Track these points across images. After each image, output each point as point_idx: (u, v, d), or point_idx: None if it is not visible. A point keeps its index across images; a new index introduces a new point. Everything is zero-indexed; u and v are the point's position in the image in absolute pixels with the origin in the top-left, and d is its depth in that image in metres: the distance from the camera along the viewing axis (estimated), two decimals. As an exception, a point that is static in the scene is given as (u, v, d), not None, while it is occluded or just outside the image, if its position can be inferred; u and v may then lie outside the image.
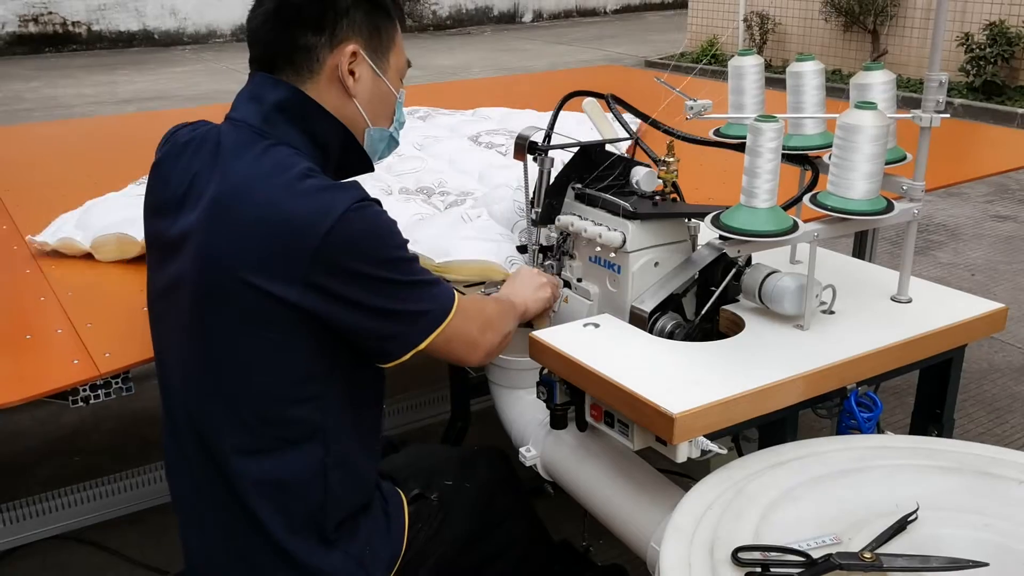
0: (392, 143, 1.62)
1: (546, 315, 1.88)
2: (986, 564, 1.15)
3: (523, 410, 1.96)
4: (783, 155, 1.57)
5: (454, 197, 2.39)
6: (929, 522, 1.24)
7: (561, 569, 1.95)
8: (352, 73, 1.46)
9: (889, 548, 1.19)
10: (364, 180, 1.50)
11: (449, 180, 2.53)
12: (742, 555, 1.17)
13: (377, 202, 1.38)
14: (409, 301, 1.40)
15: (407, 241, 1.42)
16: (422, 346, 1.42)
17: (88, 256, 2.15)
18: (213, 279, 1.34)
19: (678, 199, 1.88)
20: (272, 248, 1.30)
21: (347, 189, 1.36)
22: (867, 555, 1.15)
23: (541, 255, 1.98)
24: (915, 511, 1.25)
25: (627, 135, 1.95)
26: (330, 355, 1.40)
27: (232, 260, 1.32)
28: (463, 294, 1.51)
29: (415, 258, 1.44)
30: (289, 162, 1.37)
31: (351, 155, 1.51)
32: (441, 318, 1.43)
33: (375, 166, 1.60)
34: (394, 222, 1.40)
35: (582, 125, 2.22)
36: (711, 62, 10.82)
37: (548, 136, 1.93)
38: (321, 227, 1.29)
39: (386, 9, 1.50)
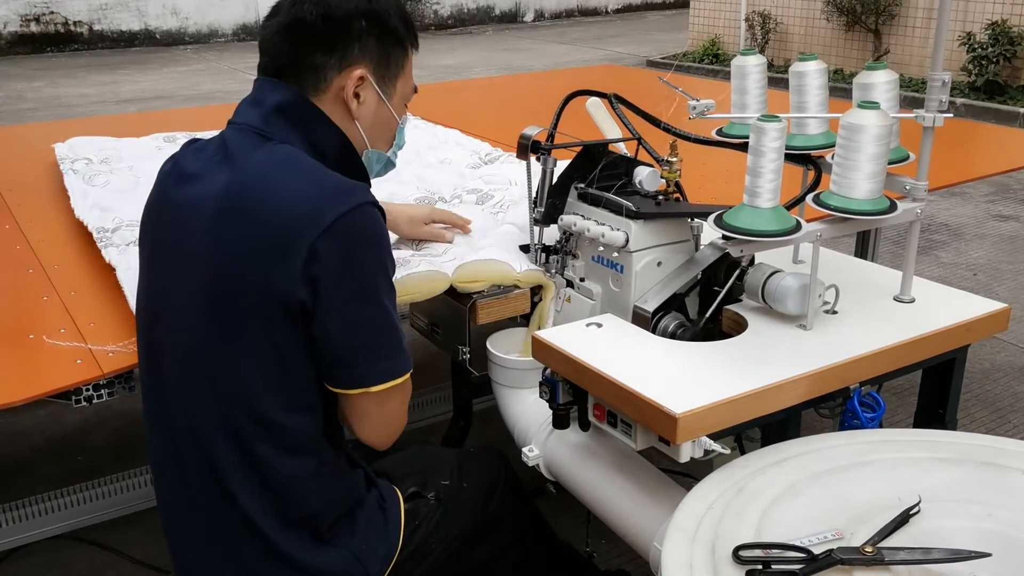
0: (389, 165, 1.62)
1: (549, 311, 1.89)
2: (988, 555, 1.15)
3: (526, 410, 1.96)
4: (786, 155, 1.57)
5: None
6: (932, 514, 1.24)
7: (563, 573, 1.95)
8: (357, 96, 1.46)
9: (891, 542, 1.19)
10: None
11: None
12: (743, 553, 1.17)
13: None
14: (379, 336, 1.38)
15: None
16: (373, 389, 1.39)
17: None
18: (223, 277, 1.34)
19: (681, 199, 1.88)
20: (285, 234, 1.30)
21: (364, 186, 1.37)
22: (868, 549, 1.15)
23: (544, 254, 1.98)
24: (917, 504, 1.25)
25: (631, 135, 1.95)
26: None
27: (243, 257, 1.32)
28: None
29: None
30: (299, 156, 1.39)
31: (349, 165, 1.50)
32: (395, 375, 1.41)
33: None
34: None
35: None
36: (712, 62, 10.82)
37: (551, 135, 1.93)
38: (335, 211, 1.30)
39: (398, 37, 1.49)
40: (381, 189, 2.41)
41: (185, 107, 8.38)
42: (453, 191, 2.48)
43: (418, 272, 1.86)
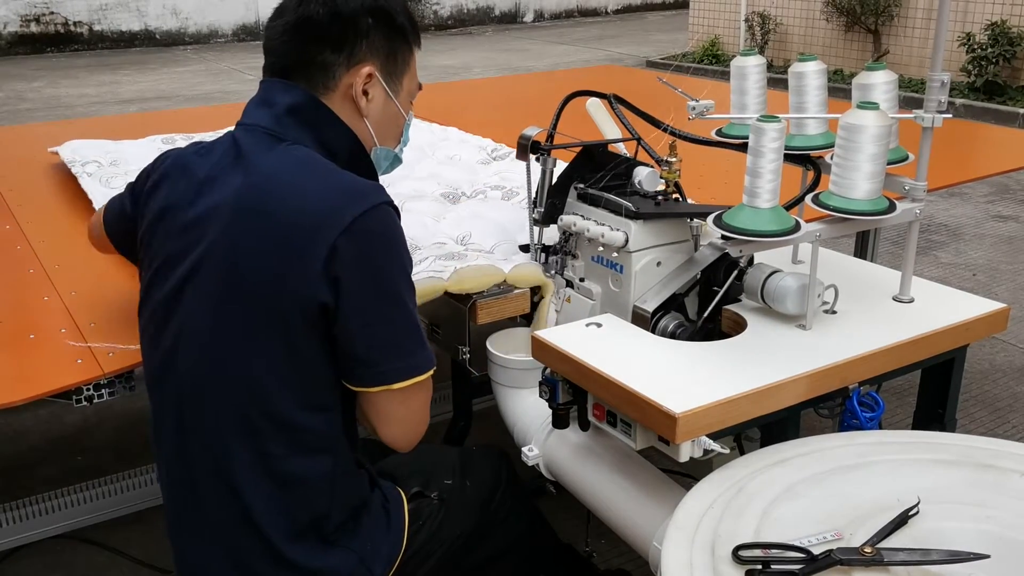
0: (396, 161, 1.63)
1: (549, 311, 1.89)
2: (987, 556, 1.15)
3: (526, 409, 1.96)
4: (785, 155, 1.57)
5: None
6: (931, 516, 1.25)
7: (564, 573, 1.95)
8: (366, 93, 1.47)
9: (890, 542, 1.19)
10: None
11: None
12: (743, 553, 1.17)
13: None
14: (401, 334, 1.38)
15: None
16: (395, 386, 1.38)
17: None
18: (238, 270, 1.34)
19: (680, 199, 1.88)
20: (303, 234, 1.30)
21: (380, 186, 1.38)
22: (867, 550, 1.16)
23: (543, 254, 1.98)
24: (916, 505, 1.25)
25: (630, 135, 1.95)
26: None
27: (260, 248, 1.32)
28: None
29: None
30: (314, 157, 1.40)
31: (359, 165, 1.51)
32: (417, 372, 1.40)
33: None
34: None
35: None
36: (712, 62, 10.83)
37: (551, 136, 1.94)
38: (353, 211, 1.30)
39: (404, 34, 1.51)
40: (404, 186, 2.44)
41: (185, 107, 8.38)
42: (472, 187, 2.52)
43: (474, 265, 1.88)
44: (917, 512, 1.24)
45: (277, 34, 1.45)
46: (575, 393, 1.65)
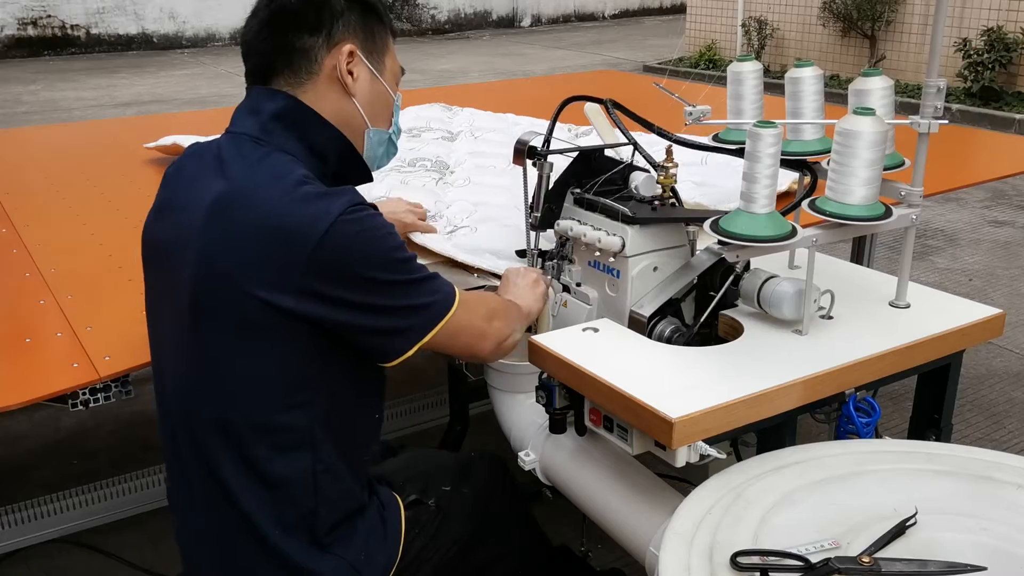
0: (391, 148, 1.64)
1: (547, 315, 1.89)
2: (984, 568, 1.15)
3: (522, 414, 1.96)
4: (782, 160, 1.57)
5: None
6: (928, 526, 1.25)
7: (560, 575, 1.95)
8: (351, 73, 1.49)
9: (888, 552, 1.19)
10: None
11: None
12: (741, 559, 1.17)
13: (373, 207, 1.39)
14: (409, 297, 1.40)
15: (403, 243, 1.43)
16: (426, 339, 1.42)
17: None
18: (209, 283, 1.35)
19: (677, 204, 1.88)
20: (267, 255, 1.32)
21: (341, 195, 1.37)
22: (865, 559, 1.15)
23: (540, 259, 1.98)
24: (914, 515, 1.25)
25: (626, 140, 1.95)
26: (322, 361, 1.40)
27: (228, 265, 1.33)
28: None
29: (413, 257, 1.44)
30: (286, 169, 1.39)
31: (349, 164, 1.52)
32: (444, 311, 1.44)
33: (374, 175, 1.61)
34: (390, 225, 1.41)
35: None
36: (709, 67, 10.84)
37: (547, 141, 1.93)
38: (314, 234, 1.30)
39: (378, 13, 1.54)
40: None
41: (183, 111, 8.38)
42: None
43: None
44: (914, 522, 1.24)
45: (254, 33, 1.48)
46: (572, 398, 1.65)
